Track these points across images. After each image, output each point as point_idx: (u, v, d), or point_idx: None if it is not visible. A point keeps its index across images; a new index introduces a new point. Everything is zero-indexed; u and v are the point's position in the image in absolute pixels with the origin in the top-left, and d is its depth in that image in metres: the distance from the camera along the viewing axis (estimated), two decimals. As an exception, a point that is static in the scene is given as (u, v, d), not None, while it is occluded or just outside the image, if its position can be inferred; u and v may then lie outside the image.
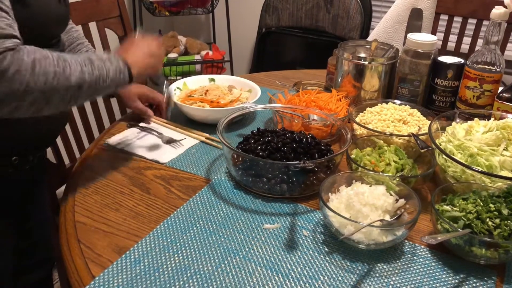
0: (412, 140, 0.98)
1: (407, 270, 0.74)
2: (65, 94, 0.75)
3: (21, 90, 0.69)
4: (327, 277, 0.72)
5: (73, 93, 0.76)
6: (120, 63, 0.84)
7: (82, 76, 0.76)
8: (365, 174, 0.87)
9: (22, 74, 0.68)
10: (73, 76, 0.75)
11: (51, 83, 0.72)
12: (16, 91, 0.68)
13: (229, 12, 2.74)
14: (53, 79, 0.72)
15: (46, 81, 0.71)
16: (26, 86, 0.69)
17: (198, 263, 0.74)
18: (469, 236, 0.72)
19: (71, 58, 0.77)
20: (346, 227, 0.75)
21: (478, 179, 0.85)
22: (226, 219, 0.84)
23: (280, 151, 0.93)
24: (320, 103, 1.17)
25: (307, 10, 2.53)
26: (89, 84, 0.78)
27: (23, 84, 0.69)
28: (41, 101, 0.73)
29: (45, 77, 0.71)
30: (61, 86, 0.74)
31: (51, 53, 0.74)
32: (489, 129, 0.94)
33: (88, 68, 0.78)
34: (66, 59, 0.76)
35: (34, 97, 0.71)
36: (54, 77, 0.72)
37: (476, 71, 1.09)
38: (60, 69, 0.73)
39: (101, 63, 0.80)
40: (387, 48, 1.27)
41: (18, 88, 0.68)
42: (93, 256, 0.75)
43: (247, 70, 3.12)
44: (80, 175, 0.97)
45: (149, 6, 2.58)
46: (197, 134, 1.14)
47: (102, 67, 0.80)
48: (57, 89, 0.73)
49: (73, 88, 0.76)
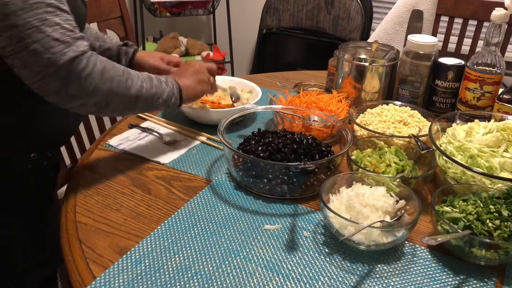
0: (413, 142, 0.98)
1: (407, 271, 0.74)
2: (123, 102, 0.85)
3: (90, 90, 0.79)
4: (327, 278, 0.72)
5: (129, 103, 0.86)
6: (175, 87, 0.95)
7: (140, 90, 0.87)
8: (366, 175, 0.87)
9: (93, 77, 0.78)
10: (133, 88, 0.85)
11: (114, 89, 0.82)
12: (86, 90, 0.78)
13: (230, 13, 2.74)
14: (116, 87, 0.82)
15: (111, 87, 0.81)
16: (94, 87, 0.79)
17: (199, 264, 0.74)
18: (469, 237, 0.72)
19: (134, 73, 0.87)
20: (347, 228, 0.75)
21: (478, 180, 0.85)
22: (227, 220, 0.84)
23: (281, 152, 0.93)
24: (320, 104, 1.17)
25: (307, 11, 2.53)
26: (145, 99, 0.88)
27: (92, 85, 0.78)
28: (102, 104, 0.82)
29: (111, 83, 0.81)
30: (121, 94, 0.84)
31: (118, 65, 0.85)
32: (489, 130, 0.94)
33: (147, 85, 0.88)
34: (130, 72, 0.86)
35: (98, 99, 0.81)
36: (118, 85, 0.83)
37: (477, 73, 1.09)
38: (123, 79, 0.84)
39: (158, 83, 0.91)
40: (388, 50, 1.27)
41: (88, 88, 0.78)
42: (94, 256, 0.75)
43: (247, 71, 3.13)
44: (81, 176, 0.98)
45: (150, 7, 2.58)
46: (198, 135, 1.14)
47: (159, 86, 0.91)
48: (117, 96, 0.83)
49: (131, 99, 0.86)
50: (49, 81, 0.75)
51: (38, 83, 0.75)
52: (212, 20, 2.93)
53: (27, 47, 0.72)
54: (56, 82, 0.75)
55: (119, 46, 1.18)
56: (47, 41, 0.72)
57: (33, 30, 0.72)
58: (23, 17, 0.72)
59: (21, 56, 0.73)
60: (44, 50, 0.72)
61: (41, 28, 0.72)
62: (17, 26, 0.72)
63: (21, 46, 0.72)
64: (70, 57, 0.74)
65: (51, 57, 0.73)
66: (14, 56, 0.74)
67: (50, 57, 0.73)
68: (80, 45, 0.76)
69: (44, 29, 0.73)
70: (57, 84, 0.75)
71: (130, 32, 1.65)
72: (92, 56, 0.79)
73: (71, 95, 0.77)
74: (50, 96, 0.77)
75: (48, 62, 0.73)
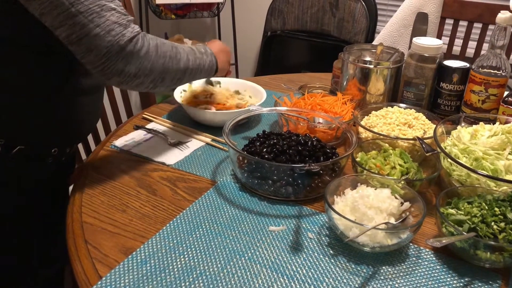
0: (417, 144, 0.98)
1: (412, 273, 0.74)
2: (175, 76, 0.93)
3: (148, 67, 0.85)
4: (332, 279, 0.72)
5: (180, 76, 0.94)
6: (213, 58, 1.04)
7: (188, 62, 0.94)
8: (370, 177, 0.87)
9: (150, 55, 0.85)
10: (182, 62, 0.93)
11: (167, 65, 0.89)
12: (145, 68, 0.85)
13: (235, 15, 2.75)
14: (168, 62, 0.89)
15: (164, 62, 0.88)
16: (151, 64, 0.85)
17: (204, 264, 0.74)
18: (474, 240, 0.72)
19: (180, 46, 0.94)
20: (351, 229, 0.76)
21: (483, 183, 0.85)
22: (232, 221, 0.85)
23: (286, 153, 0.93)
24: (325, 106, 1.18)
25: (312, 13, 2.53)
26: (191, 70, 0.96)
27: (150, 62, 0.85)
28: (158, 79, 0.89)
29: (164, 59, 0.88)
30: (174, 68, 0.91)
31: (166, 40, 0.91)
32: (494, 133, 0.94)
33: (192, 57, 0.96)
34: (177, 46, 0.93)
35: (155, 75, 0.87)
36: (170, 60, 0.89)
37: (482, 75, 1.09)
38: (173, 54, 0.90)
39: (200, 55, 0.99)
40: (393, 52, 1.28)
41: (146, 66, 0.85)
42: (100, 256, 0.76)
43: (252, 73, 3.13)
44: (87, 177, 0.98)
45: (156, 9, 2.60)
46: (203, 136, 1.14)
47: (201, 58, 0.99)
48: (170, 70, 0.90)
49: (181, 71, 0.93)
50: (113, 62, 0.80)
51: (103, 65, 0.80)
52: (217, 23, 2.94)
53: (90, 32, 0.78)
54: (120, 63, 0.81)
55: None
56: (108, 25, 0.78)
57: (94, 16, 0.78)
58: (85, 4, 0.77)
59: (85, 41, 0.78)
60: (106, 33, 0.78)
61: (101, 14, 0.78)
62: (81, 12, 0.77)
63: (85, 32, 0.78)
64: (128, 38, 0.80)
65: (112, 39, 0.79)
66: (79, 42, 0.79)
67: (111, 39, 0.79)
68: (135, 27, 0.83)
69: (103, 14, 0.78)
70: (120, 64, 0.81)
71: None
72: (145, 35, 0.85)
73: (133, 73, 0.83)
74: (113, 77, 0.82)
75: (110, 44, 0.79)
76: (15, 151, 0.93)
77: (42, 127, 0.96)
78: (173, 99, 1.26)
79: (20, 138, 0.94)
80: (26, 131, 0.95)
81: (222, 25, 2.93)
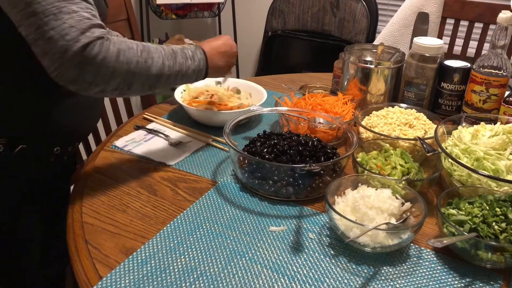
0: (418, 144, 0.98)
1: (413, 273, 0.74)
2: (146, 82, 0.86)
3: (107, 75, 0.79)
4: (332, 279, 0.72)
5: (152, 82, 0.87)
6: (201, 63, 0.95)
7: (162, 68, 0.87)
8: (371, 178, 0.87)
9: (108, 61, 0.78)
10: (154, 68, 0.85)
11: (132, 71, 0.82)
12: (104, 75, 0.79)
13: (235, 15, 2.75)
14: (134, 68, 0.82)
15: (129, 69, 0.81)
16: (111, 72, 0.79)
17: (205, 265, 0.74)
18: (475, 240, 0.72)
19: (155, 50, 0.87)
20: (352, 230, 0.75)
21: (484, 183, 0.85)
22: (232, 221, 0.85)
23: (286, 154, 0.93)
24: (326, 106, 1.18)
25: (313, 13, 2.53)
26: (168, 77, 0.89)
27: (109, 70, 0.79)
28: (124, 86, 0.83)
29: (128, 65, 0.81)
30: (142, 75, 0.84)
31: (137, 44, 0.85)
32: (495, 133, 0.94)
33: (170, 62, 0.88)
34: (150, 51, 0.86)
35: (118, 82, 0.81)
36: (137, 66, 0.82)
37: (483, 75, 1.09)
38: (142, 60, 0.83)
39: (183, 60, 0.91)
40: (394, 52, 1.27)
41: (105, 72, 0.79)
42: (101, 256, 0.76)
43: (253, 73, 3.13)
44: (88, 177, 0.98)
45: (156, 9, 2.60)
46: (204, 137, 1.14)
47: (183, 63, 0.91)
48: (137, 77, 0.84)
49: (153, 78, 0.86)
50: (66, 69, 0.76)
51: (57, 71, 0.76)
52: (218, 23, 2.94)
53: (44, 34, 0.74)
54: (72, 70, 0.76)
55: None
56: (63, 29, 0.74)
57: (51, 18, 0.74)
58: (42, 5, 0.73)
59: (40, 43, 0.75)
60: (59, 37, 0.74)
61: (58, 16, 0.74)
62: (37, 13, 0.73)
63: (39, 34, 0.74)
64: (83, 43, 0.75)
65: (64, 44, 0.74)
66: (35, 44, 0.75)
67: (64, 44, 0.74)
68: (95, 32, 0.77)
69: (61, 16, 0.74)
70: (73, 71, 0.76)
71: (136, 34, 1.65)
72: (107, 41, 0.79)
73: (89, 81, 0.78)
74: (69, 84, 0.78)
75: (62, 50, 0.74)
76: (17, 150, 0.94)
77: (44, 126, 0.96)
78: (174, 99, 1.26)
79: (23, 137, 0.94)
80: (28, 130, 0.95)
81: (222, 25, 2.93)
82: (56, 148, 1.01)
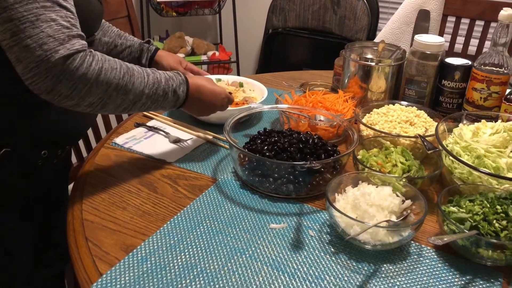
0: (419, 142, 0.97)
1: (413, 271, 0.74)
2: (121, 105, 0.82)
3: (83, 91, 0.76)
4: (332, 277, 0.72)
5: (126, 106, 0.83)
6: (181, 99, 0.91)
7: (140, 95, 0.84)
8: (372, 175, 0.87)
9: (88, 77, 0.75)
10: (132, 94, 0.82)
11: (110, 93, 0.79)
12: (80, 91, 0.75)
13: (236, 13, 2.75)
14: (113, 90, 0.79)
15: (107, 90, 0.78)
16: (88, 89, 0.76)
17: (205, 262, 0.74)
18: (476, 238, 0.72)
19: (138, 75, 0.83)
20: (353, 227, 0.75)
21: (485, 180, 0.85)
22: (233, 219, 0.85)
23: (287, 151, 0.93)
24: (326, 104, 1.17)
25: (314, 11, 2.53)
26: (143, 103, 0.85)
27: (86, 86, 0.75)
28: (98, 105, 0.79)
29: (107, 86, 0.78)
30: (119, 97, 0.81)
31: (121, 66, 0.81)
32: (496, 131, 0.94)
33: (150, 92, 0.85)
34: (133, 74, 0.82)
35: (93, 100, 0.78)
36: (115, 89, 0.79)
37: (484, 73, 1.09)
38: (123, 83, 0.80)
39: (164, 93, 0.87)
40: (394, 50, 1.27)
41: (82, 89, 0.75)
42: (101, 254, 0.76)
43: (253, 71, 3.13)
44: (88, 174, 0.98)
45: (157, 6, 2.59)
46: (204, 134, 1.14)
47: (164, 96, 0.87)
48: (114, 99, 0.80)
49: (128, 102, 0.83)
50: (41, 79, 0.72)
51: (31, 80, 0.72)
52: (218, 20, 2.93)
53: (20, 42, 0.70)
54: (48, 81, 0.72)
55: (141, 43, 1.19)
56: (40, 37, 0.70)
57: (27, 25, 0.70)
58: (19, 11, 0.70)
59: (15, 51, 0.71)
60: (36, 46, 0.70)
61: (36, 24, 0.71)
62: (13, 20, 0.70)
63: (15, 41, 0.71)
64: (62, 55, 0.72)
65: (42, 54, 0.70)
66: (9, 50, 0.72)
67: (41, 54, 0.70)
68: (75, 44, 0.74)
69: (38, 24, 0.71)
70: (48, 82, 0.72)
71: (136, 32, 1.65)
72: (88, 55, 0.76)
73: (64, 95, 0.75)
74: (42, 94, 0.75)
75: (39, 60, 0.71)
76: (1, 153, 0.90)
77: (28, 129, 0.92)
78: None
79: (5, 140, 0.91)
80: (10, 133, 0.91)
81: (223, 23, 2.93)
82: (44, 152, 0.98)
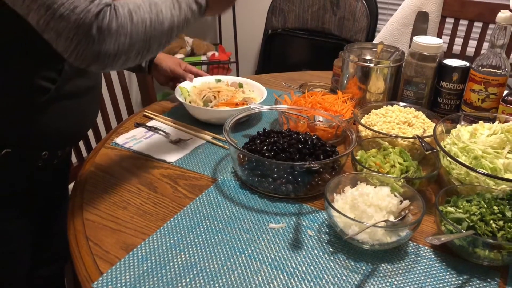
0: (417, 142, 0.98)
1: (411, 270, 0.75)
2: (161, 40, 0.80)
3: (127, 42, 0.73)
4: (331, 276, 0.73)
5: (166, 38, 0.81)
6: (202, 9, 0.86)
7: (172, 20, 0.80)
8: (370, 175, 0.88)
9: (124, 26, 0.73)
10: (166, 22, 0.79)
11: (149, 31, 0.76)
12: (124, 44, 0.73)
13: (236, 13, 2.75)
14: (150, 27, 0.76)
15: (144, 29, 0.75)
16: (130, 36, 0.74)
17: (204, 261, 0.75)
18: (473, 238, 0.73)
19: (160, 2, 0.80)
20: (351, 227, 0.76)
21: (482, 181, 0.85)
22: (232, 218, 0.85)
23: (286, 151, 0.94)
24: (325, 105, 1.18)
25: (313, 12, 2.54)
26: (177, 27, 0.82)
27: (127, 35, 0.73)
28: (144, 50, 0.77)
29: (144, 25, 0.75)
30: (158, 32, 0.78)
31: (141, 1, 0.78)
32: (494, 132, 0.95)
33: (176, 12, 0.81)
34: (157, 3, 0.79)
35: (138, 47, 0.76)
36: (151, 24, 0.76)
37: (482, 74, 1.10)
38: (154, 16, 0.77)
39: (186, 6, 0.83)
40: (393, 51, 1.28)
41: (124, 40, 0.73)
42: (101, 253, 0.76)
43: (253, 72, 3.13)
44: (88, 174, 0.99)
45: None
46: (204, 134, 1.15)
47: (187, 10, 0.83)
48: (155, 36, 0.78)
49: (167, 33, 0.80)
50: (85, 45, 0.70)
51: (76, 51, 0.71)
52: (218, 21, 2.94)
53: (55, 13, 0.69)
54: (92, 44, 0.71)
55: None
56: (72, 2, 0.70)
57: None
58: None
59: (52, 25, 0.70)
60: (70, 12, 0.69)
61: None
62: None
63: (50, 15, 0.70)
64: (94, 13, 0.70)
65: (77, 18, 0.69)
66: (47, 28, 0.71)
67: (76, 18, 0.69)
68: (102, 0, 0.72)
69: None
70: (93, 46, 0.71)
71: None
72: (114, 6, 0.74)
73: (112, 53, 0.73)
74: (92, 63, 0.73)
75: (76, 25, 0.69)
76: (2, 154, 0.91)
77: (29, 130, 0.92)
78: (174, 97, 1.26)
79: (6, 141, 0.91)
80: (12, 134, 0.91)
81: (223, 23, 2.94)
82: (44, 153, 0.98)
